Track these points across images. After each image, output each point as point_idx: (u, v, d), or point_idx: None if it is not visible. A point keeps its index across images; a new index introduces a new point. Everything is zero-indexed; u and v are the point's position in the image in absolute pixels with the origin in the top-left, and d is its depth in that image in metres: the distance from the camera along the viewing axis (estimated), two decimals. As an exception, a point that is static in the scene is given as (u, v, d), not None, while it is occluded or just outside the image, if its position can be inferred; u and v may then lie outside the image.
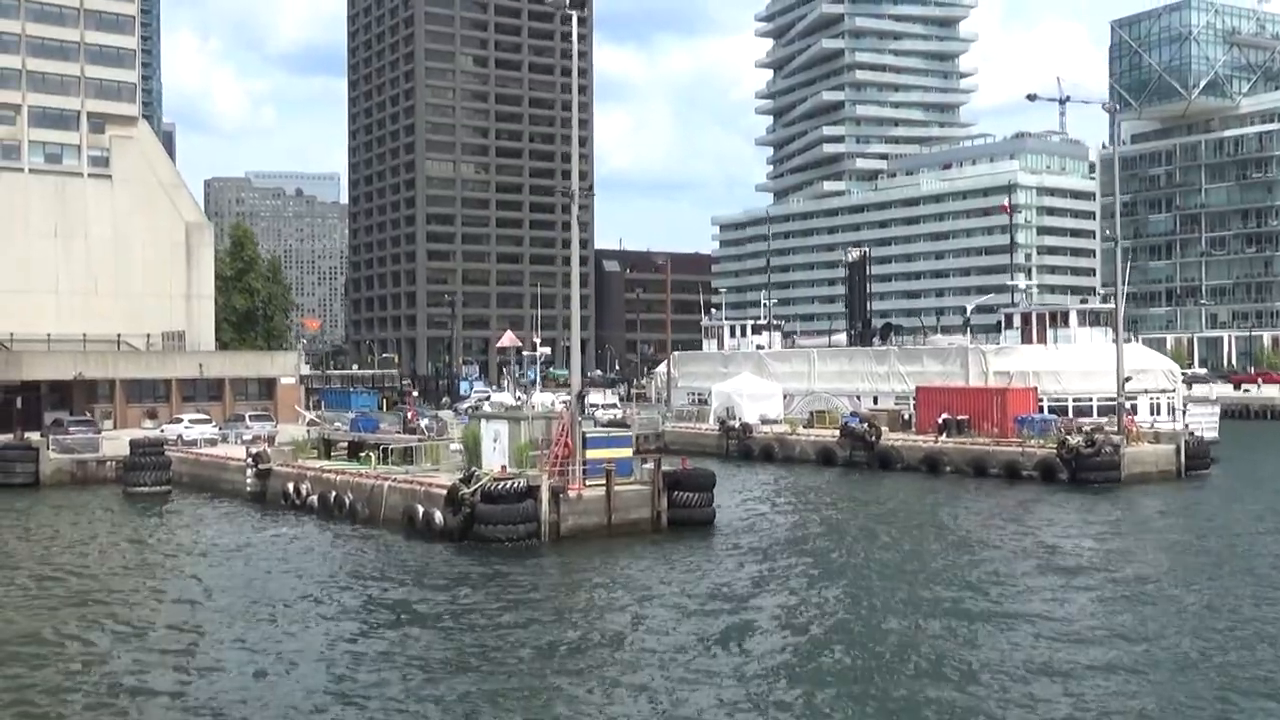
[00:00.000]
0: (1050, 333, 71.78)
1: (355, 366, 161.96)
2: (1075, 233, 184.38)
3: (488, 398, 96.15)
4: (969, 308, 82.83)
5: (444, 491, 40.71)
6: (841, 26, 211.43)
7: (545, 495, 39.80)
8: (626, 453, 43.30)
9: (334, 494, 46.31)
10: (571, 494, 40.51)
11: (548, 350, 62.20)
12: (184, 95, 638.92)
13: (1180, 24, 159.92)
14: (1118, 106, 73.70)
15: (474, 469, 41.33)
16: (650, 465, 43.19)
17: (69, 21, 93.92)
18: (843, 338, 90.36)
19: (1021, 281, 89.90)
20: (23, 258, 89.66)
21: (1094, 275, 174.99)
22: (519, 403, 56.58)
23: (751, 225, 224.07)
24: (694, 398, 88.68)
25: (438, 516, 40.46)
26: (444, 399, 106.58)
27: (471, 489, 39.28)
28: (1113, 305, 75.52)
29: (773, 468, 66.97)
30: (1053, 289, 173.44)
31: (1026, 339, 73.53)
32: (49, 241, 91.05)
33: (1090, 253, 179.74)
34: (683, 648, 25.87)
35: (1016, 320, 75.25)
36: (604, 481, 41.13)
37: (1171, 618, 28.50)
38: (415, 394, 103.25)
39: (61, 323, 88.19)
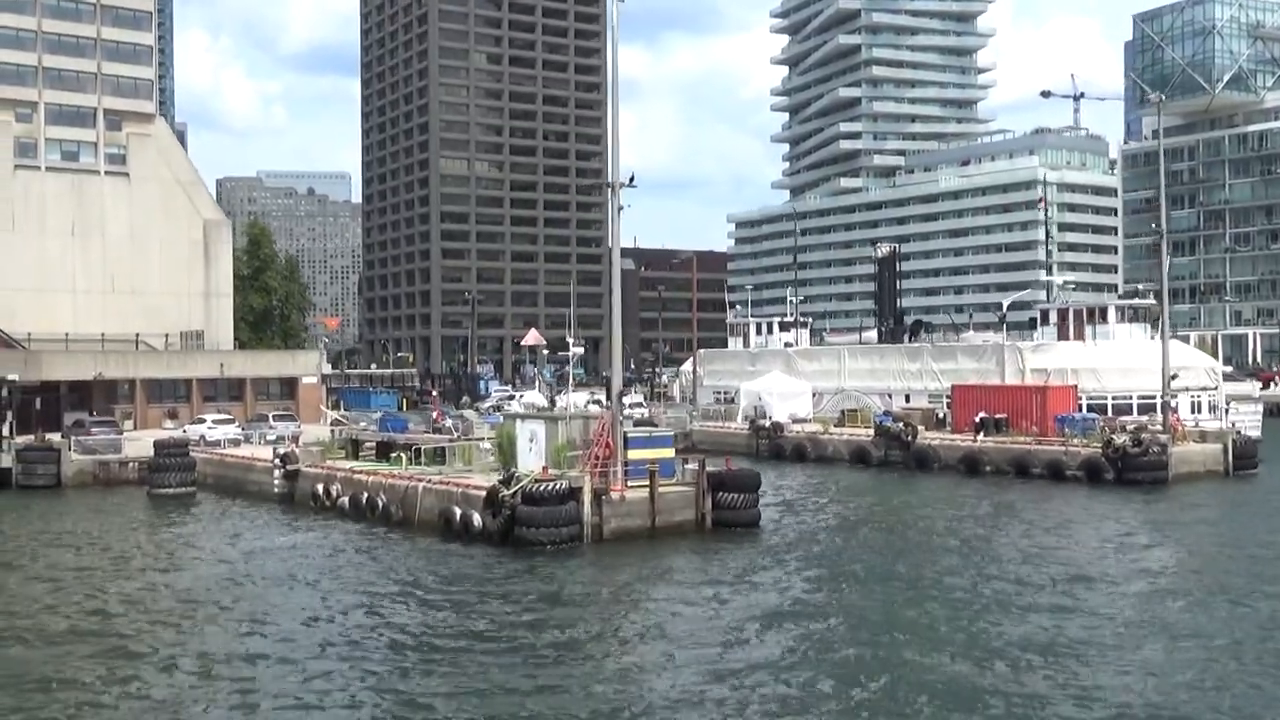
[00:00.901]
0: (1088, 329, 70.23)
1: (374, 366, 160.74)
2: (1096, 229, 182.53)
3: (510, 397, 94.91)
4: (1005, 304, 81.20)
5: (482, 493, 39.49)
6: (858, 22, 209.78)
7: (588, 497, 38.55)
8: (669, 453, 42.05)
9: (366, 495, 45.06)
10: (614, 496, 39.26)
11: (581, 349, 60.89)
12: (194, 94, 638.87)
13: (1204, 17, 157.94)
14: (1162, 97, 72.00)
15: (514, 470, 40.02)
16: (693, 466, 41.90)
17: (85, 18, 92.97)
18: (873, 334, 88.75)
19: (1058, 278, 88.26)
20: (40, 257, 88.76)
21: (1115, 272, 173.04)
22: (551, 402, 55.30)
23: (768, 223, 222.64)
24: (720, 396, 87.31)
25: (476, 519, 39.21)
26: (463, 398, 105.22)
27: (512, 491, 38.03)
28: (1151, 300, 74.20)
29: (806, 467, 65.57)
30: (1074, 286, 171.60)
31: (1063, 335, 72.01)
32: (66, 240, 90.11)
33: (1112, 249, 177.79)
34: (737, 657, 24.61)
35: (1052, 316, 73.72)
36: (646, 483, 39.91)
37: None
38: (435, 393, 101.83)
39: (79, 322, 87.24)
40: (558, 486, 37.90)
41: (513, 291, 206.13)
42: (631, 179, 41.76)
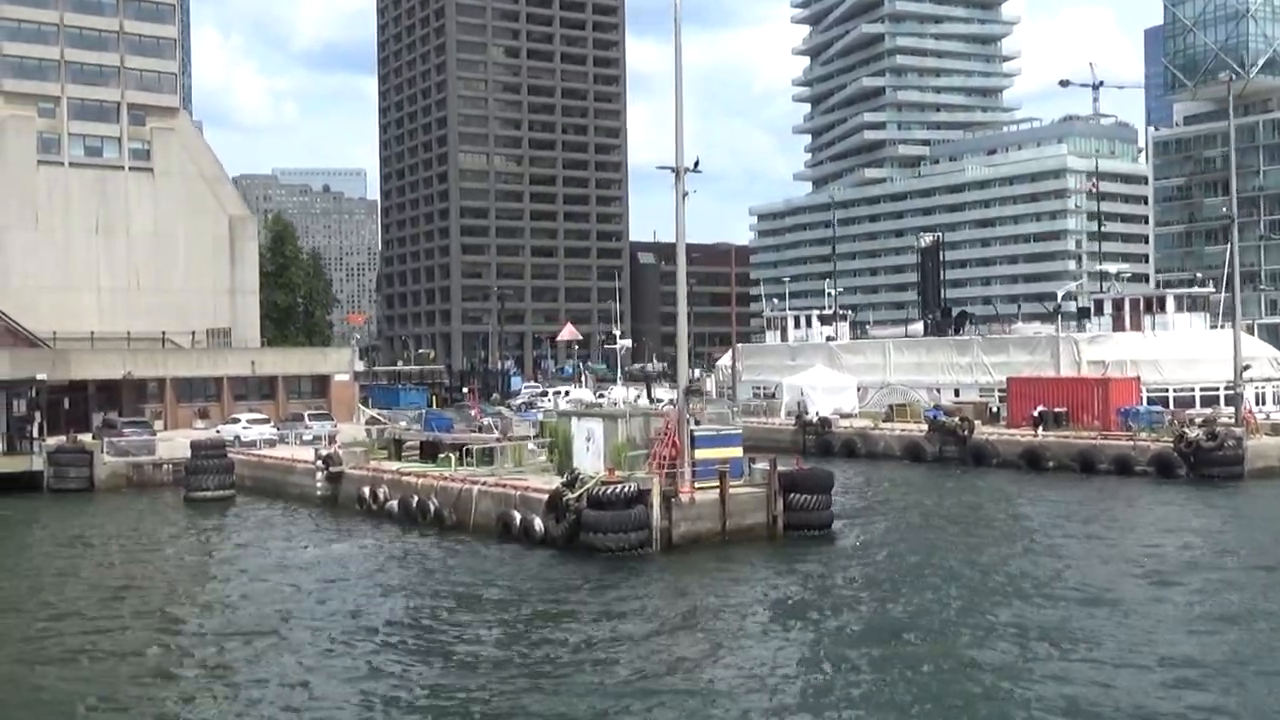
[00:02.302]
0: (1147, 319, 67.99)
1: (400, 363, 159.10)
2: (1126, 218, 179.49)
3: (543, 393, 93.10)
4: (1060, 294, 79.02)
5: (543, 496, 37.57)
6: (881, 11, 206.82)
7: (656, 500, 36.51)
8: (737, 452, 39.93)
9: (416, 499, 43.07)
10: (683, 498, 37.23)
11: (628, 343, 59.01)
12: (206, 92, 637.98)
13: (1236, 1, 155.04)
14: (1232, 77, 69.68)
15: (577, 472, 38.02)
16: (763, 465, 39.81)
17: (108, 11, 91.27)
18: (918, 327, 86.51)
19: (1112, 267, 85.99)
20: (63, 254, 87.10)
21: (1147, 262, 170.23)
22: (602, 399, 53.35)
23: (790, 215, 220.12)
24: (759, 391, 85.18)
25: (537, 524, 37.27)
26: (493, 395, 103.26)
27: (577, 494, 36.06)
28: (1210, 289, 71.95)
29: (857, 464, 63.47)
30: (1129, 275, 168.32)
31: (1118, 326, 69.85)
32: (90, 237, 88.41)
33: (1143, 238, 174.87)
34: (832, 677, 22.65)
35: (1107, 307, 71.46)
36: (716, 484, 37.88)
37: None
38: (467, 390, 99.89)
39: (104, 320, 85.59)
40: (626, 489, 35.86)
41: (533, 286, 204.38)
42: (696, 163, 39.67)
